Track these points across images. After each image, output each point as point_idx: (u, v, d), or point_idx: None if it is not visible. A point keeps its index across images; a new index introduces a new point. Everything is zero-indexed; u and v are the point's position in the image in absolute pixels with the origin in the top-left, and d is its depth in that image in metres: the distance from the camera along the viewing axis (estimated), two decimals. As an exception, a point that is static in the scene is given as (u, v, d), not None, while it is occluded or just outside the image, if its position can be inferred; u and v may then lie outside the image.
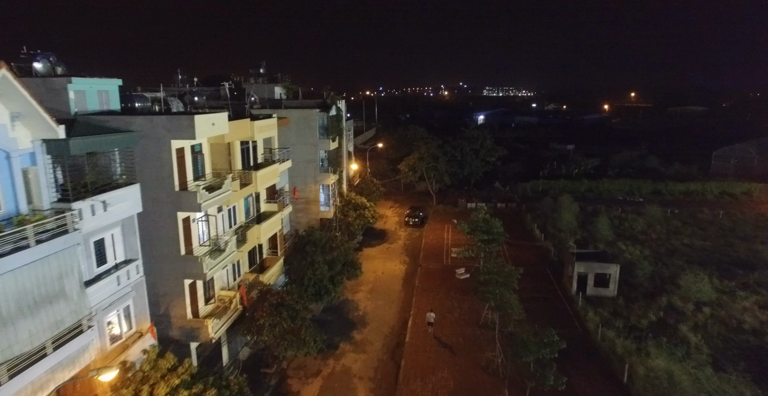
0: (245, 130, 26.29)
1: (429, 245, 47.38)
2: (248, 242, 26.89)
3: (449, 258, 43.78)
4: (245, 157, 28.10)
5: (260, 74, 48.10)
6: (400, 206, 62.49)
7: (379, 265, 42.43)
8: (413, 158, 61.10)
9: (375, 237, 49.74)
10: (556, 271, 39.90)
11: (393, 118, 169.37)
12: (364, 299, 35.90)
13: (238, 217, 27.60)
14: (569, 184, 69.05)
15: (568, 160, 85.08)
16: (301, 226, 45.15)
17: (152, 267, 21.51)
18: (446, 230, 51.96)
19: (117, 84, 23.14)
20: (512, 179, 74.42)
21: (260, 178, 27.46)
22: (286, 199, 33.46)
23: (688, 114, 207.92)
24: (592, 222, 51.11)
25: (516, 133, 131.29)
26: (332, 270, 31.91)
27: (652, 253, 42.63)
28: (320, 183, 44.19)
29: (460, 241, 46.05)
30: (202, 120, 20.57)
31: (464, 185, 69.78)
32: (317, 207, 44.79)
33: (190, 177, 21.84)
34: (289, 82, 48.58)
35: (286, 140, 43.15)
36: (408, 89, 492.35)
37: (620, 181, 68.98)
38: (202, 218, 23.09)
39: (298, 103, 45.83)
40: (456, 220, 54.41)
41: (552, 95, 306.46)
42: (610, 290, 34.48)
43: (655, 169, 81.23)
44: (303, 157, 43.62)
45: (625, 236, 48.11)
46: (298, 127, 43.12)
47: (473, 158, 67.01)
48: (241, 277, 28.15)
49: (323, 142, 43.42)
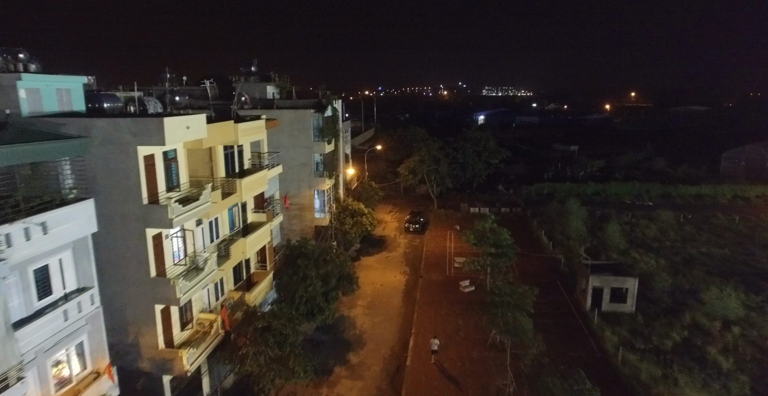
0: (228, 134, 23.61)
1: (430, 254, 44.71)
2: (232, 258, 24.21)
3: (452, 268, 41.10)
4: (229, 163, 25.43)
5: (251, 72, 45.43)
6: (400, 211, 59.82)
7: (377, 277, 39.75)
8: (413, 160, 58.42)
9: (373, 244, 47.06)
10: (568, 283, 37.26)
11: (392, 118, 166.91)
12: (362, 315, 33.23)
13: (221, 229, 24.92)
14: (575, 187, 66.42)
15: (573, 161, 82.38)
16: (294, 234, 42.51)
17: (118, 291, 18.86)
18: (448, 237, 49.31)
19: (80, 82, 20.51)
20: (515, 182, 71.79)
21: (246, 187, 24.79)
22: (276, 208, 30.79)
23: (690, 114, 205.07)
24: (602, 228, 48.58)
25: (517, 134, 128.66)
26: (326, 285, 29.25)
27: (668, 263, 40.01)
28: (315, 188, 41.55)
29: (464, 250, 43.43)
30: (173, 123, 17.90)
31: (466, 188, 67.16)
32: (312, 214, 42.13)
33: (162, 187, 19.16)
34: (283, 81, 45.88)
35: (278, 143, 40.50)
36: (407, 89, 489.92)
37: (628, 183, 66.33)
38: (176, 234, 20.41)
39: (291, 104, 43.18)
40: (458, 226, 51.99)
41: (552, 95, 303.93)
42: (627, 306, 31.84)
43: (662, 171, 78.67)
44: (296, 161, 40.98)
45: (638, 244, 45.50)
46: (291, 128, 40.48)
47: (476, 160, 64.36)
48: (224, 296, 25.48)
49: (318, 145, 40.76)
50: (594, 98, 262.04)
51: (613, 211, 56.28)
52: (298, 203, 41.83)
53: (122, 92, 26.29)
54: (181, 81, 52.29)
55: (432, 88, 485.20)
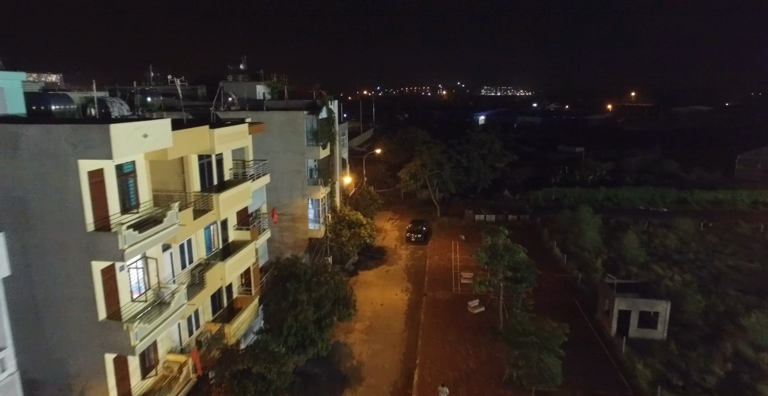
0: (202, 141, 20.06)
1: (435, 267, 41.19)
2: (208, 287, 20.67)
3: (459, 284, 37.62)
4: (206, 175, 21.89)
5: (240, 71, 41.91)
6: (401, 218, 56.32)
7: (377, 294, 36.23)
8: (414, 165, 54.91)
9: (373, 256, 43.50)
10: (587, 303, 33.80)
11: (391, 119, 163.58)
12: (360, 342, 29.70)
13: (195, 252, 21.39)
14: (585, 193, 62.97)
15: (580, 164, 78.94)
16: (286, 247, 38.99)
17: (58, 339, 15.34)
18: (453, 248, 45.80)
19: (18, 79, 17.01)
20: (521, 186, 68.32)
21: (224, 202, 21.24)
22: (262, 224, 27.23)
23: (693, 114, 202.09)
24: (618, 238, 45.18)
25: (519, 135, 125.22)
26: (319, 311, 25.75)
27: (695, 279, 36.57)
28: (308, 197, 38.01)
29: (471, 263, 39.95)
30: (124, 130, 14.37)
31: (470, 193, 63.64)
32: (305, 225, 38.61)
33: (114, 209, 15.62)
34: (274, 80, 42.33)
35: (268, 148, 36.96)
36: (406, 89, 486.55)
37: (641, 188, 62.82)
38: (135, 265, 16.88)
39: (283, 104, 39.64)
40: (463, 236, 48.48)
41: (552, 95, 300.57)
42: (658, 332, 28.38)
43: (675, 174, 75.29)
44: (288, 168, 37.46)
45: (658, 256, 42.07)
46: (282, 132, 36.98)
47: (480, 164, 60.87)
48: (200, 329, 21.95)
49: (312, 150, 37.24)
50: (595, 98, 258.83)
51: (627, 218, 52.86)
52: (290, 214, 38.31)
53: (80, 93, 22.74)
54: (166, 80, 48.92)
55: (431, 88, 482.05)
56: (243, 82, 41.39)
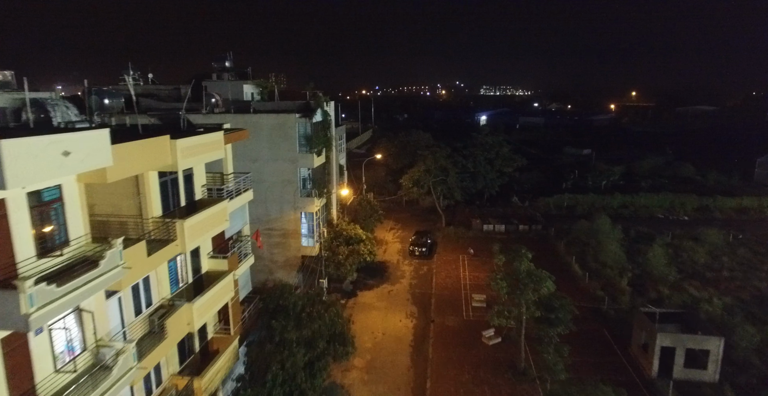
0: (161, 156, 15.92)
1: (442, 287, 37.10)
2: (172, 335, 16.55)
3: (469, 307, 33.59)
4: (170, 196, 17.75)
5: (225, 68, 37.73)
6: (403, 227, 52.27)
7: (378, 321, 32.14)
8: (418, 171, 50.83)
9: (373, 273, 39.36)
10: (617, 332, 29.78)
11: (390, 119, 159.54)
12: (359, 383, 25.59)
13: (156, 291, 17.25)
14: (599, 200, 58.91)
15: (590, 168, 74.82)
16: (276, 267, 34.91)
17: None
18: (461, 263, 41.72)
19: None
20: (530, 192, 64.27)
21: (192, 230, 17.09)
22: (244, 250, 23.09)
23: (698, 114, 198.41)
24: (641, 252, 41.23)
25: (523, 136, 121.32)
26: (312, 351, 21.72)
27: (736, 302, 32.59)
28: (301, 210, 33.91)
29: (481, 281, 36.08)
30: (28, 148, 10.25)
31: (476, 199, 59.56)
32: (297, 241, 34.52)
33: (27, 252, 11.50)
34: (263, 80, 38.17)
35: (255, 155, 32.92)
36: (404, 88, 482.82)
37: (659, 195, 58.71)
38: (62, 323, 12.76)
39: (272, 106, 35.51)
40: (472, 249, 44.36)
41: (552, 94, 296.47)
42: (709, 373, 24.36)
43: (691, 179, 71.34)
44: (278, 177, 33.37)
45: (688, 273, 38.07)
46: (271, 137, 32.90)
47: (488, 170, 56.78)
48: (164, 385, 17.83)
49: (305, 158, 33.13)
50: (596, 98, 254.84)
51: (648, 228, 48.88)
52: (281, 229, 34.21)
53: (14, 93, 18.52)
54: (146, 79, 44.79)
55: (430, 88, 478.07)
56: (229, 82, 37.24)
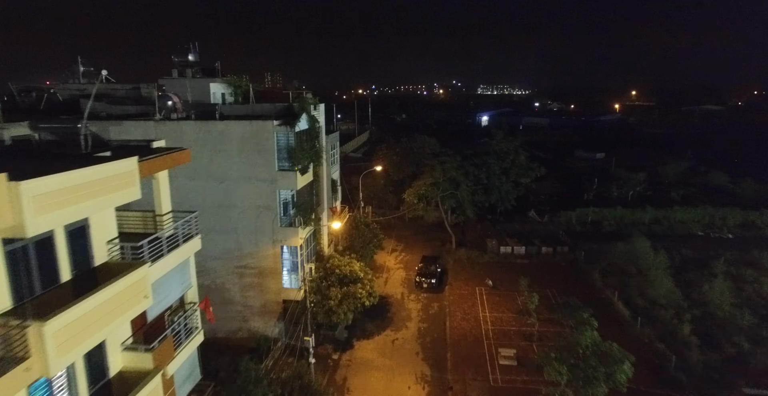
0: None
1: (458, 334, 29.92)
2: None
3: (496, 365, 26.43)
4: (33, 272, 10.46)
5: (188, 63, 30.39)
6: (406, 248, 45.19)
7: (380, 387, 24.94)
8: (424, 184, 43.65)
9: (372, 313, 31.90)
10: (697, 408, 22.67)
11: (388, 119, 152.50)
12: None
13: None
14: (628, 214, 51.85)
15: (610, 175, 67.63)
16: (251, 313, 27.70)
17: None
18: (479, 299, 34.56)
19: None
20: (548, 204, 57.19)
21: (61, 336, 9.79)
22: (187, 328, 15.79)
23: (705, 113, 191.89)
24: (693, 283, 34.38)
25: (527, 137, 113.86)
26: None
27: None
28: (282, 243, 26.68)
29: (506, 325, 29.20)
30: None
31: (487, 214, 52.32)
32: (277, 282, 27.28)
33: None
34: (235, 78, 30.85)
35: (222, 173, 25.76)
36: (401, 88, 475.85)
37: (698, 209, 51.61)
38: None
39: (246, 111, 28.23)
40: (491, 281, 37.11)
41: (550, 93, 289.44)
42: None
43: (723, 187, 64.33)
44: (251, 202, 26.13)
45: (760, 314, 30.99)
46: (243, 151, 25.70)
47: (503, 181, 49.54)
48: None
49: (286, 177, 25.88)
50: (595, 96, 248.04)
51: (691, 250, 41.96)
52: (256, 266, 26.97)
53: None
54: (98, 76, 37.41)
55: (427, 87, 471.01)
56: (193, 79, 29.90)
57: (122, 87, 35.55)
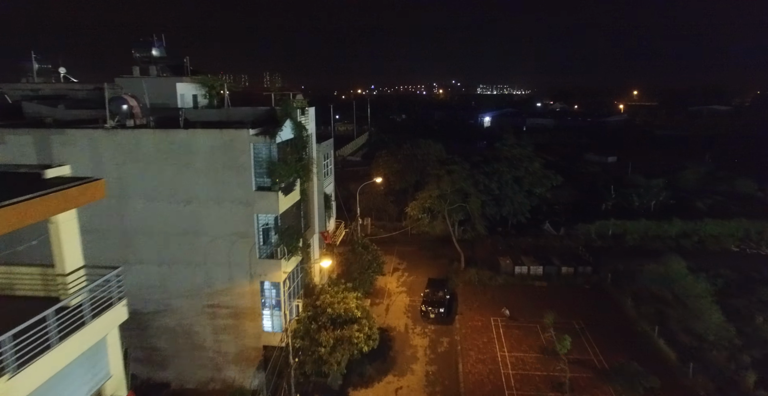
0: None
1: (474, 382, 25.14)
2: None
3: (523, 427, 21.66)
4: None
5: (152, 59, 25.57)
6: (409, 267, 40.47)
7: (382, 461, 20.16)
8: (429, 196, 38.92)
9: (372, 352, 26.98)
10: None
11: (387, 120, 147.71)
12: None
13: None
14: (653, 226, 47.05)
15: (626, 181, 62.77)
16: (225, 362, 22.91)
17: None
18: (494, 332, 29.82)
19: None
20: (563, 214, 52.43)
21: None
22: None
23: (713, 114, 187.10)
24: (744, 313, 29.74)
25: (532, 139, 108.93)
26: None
27: None
28: (261, 278, 21.89)
29: (529, 367, 24.42)
30: None
31: (497, 226, 47.54)
32: (256, 325, 22.49)
33: None
34: (208, 76, 26.00)
35: (188, 194, 20.99)
36: (401, 87, 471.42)
37: (731, 221, 46.82)
38: None
39: (218, 116, 23.43)
40: (507, 310, 32.32)
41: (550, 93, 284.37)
42: None
43: (752, 196, 59.55)
44: (224, 228, 21.37)
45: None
46: (212, 166, 20.91)
47: (515, 191, 44.80)
48: None
49: (265, 199, 21.07)
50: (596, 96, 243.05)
51: (730, 270, 37.17)
52: (231, 305, 22.18)
53: None
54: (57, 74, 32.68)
55: (426, 87, 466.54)
56: (157, 78, 25.11)
57: (83, 87, 30.75)
